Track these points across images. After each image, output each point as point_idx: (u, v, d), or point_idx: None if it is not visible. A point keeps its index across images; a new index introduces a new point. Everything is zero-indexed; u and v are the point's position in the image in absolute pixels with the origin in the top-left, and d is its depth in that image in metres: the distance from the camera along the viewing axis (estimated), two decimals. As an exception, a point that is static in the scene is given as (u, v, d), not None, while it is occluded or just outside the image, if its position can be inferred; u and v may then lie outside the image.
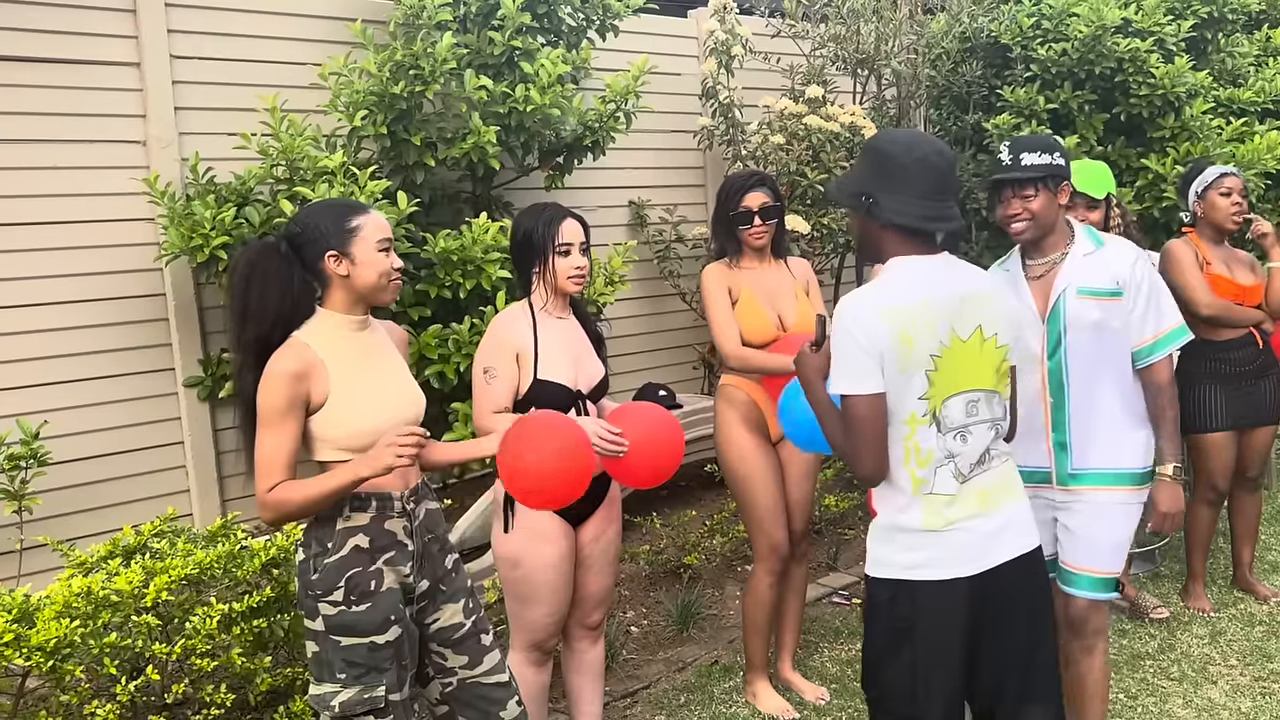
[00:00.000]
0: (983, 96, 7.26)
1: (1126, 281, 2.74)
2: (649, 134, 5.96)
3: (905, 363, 2.08)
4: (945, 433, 2.13)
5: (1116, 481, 2.77)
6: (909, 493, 2.14)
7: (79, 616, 2.75)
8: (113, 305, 4.37)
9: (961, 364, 2.13)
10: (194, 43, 4.57)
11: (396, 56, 4.34)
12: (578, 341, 2.84)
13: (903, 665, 2.15)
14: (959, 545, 2.14)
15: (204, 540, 3.25)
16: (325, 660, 2.25)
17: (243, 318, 2.23)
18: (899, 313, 2.08)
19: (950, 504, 2.14)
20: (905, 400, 2.10)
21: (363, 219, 2.28)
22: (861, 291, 2.14)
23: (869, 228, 2.19)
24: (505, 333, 2.73)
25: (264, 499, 2.18)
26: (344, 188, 3.99)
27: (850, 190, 2.20)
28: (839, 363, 2.10)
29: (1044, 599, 2.28)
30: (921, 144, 2.15)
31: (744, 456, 3.30)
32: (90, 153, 4.32)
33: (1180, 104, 6.68)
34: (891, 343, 2.06)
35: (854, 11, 6.20)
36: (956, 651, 2.15)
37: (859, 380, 2.07)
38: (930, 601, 2.13)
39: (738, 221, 3.27)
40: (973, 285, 2.19)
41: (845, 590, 4.43)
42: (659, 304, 6.17)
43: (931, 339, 2.09)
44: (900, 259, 2.16)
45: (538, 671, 2.88)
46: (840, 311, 2.11)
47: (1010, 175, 2.77)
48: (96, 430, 4.33)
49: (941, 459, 2.13)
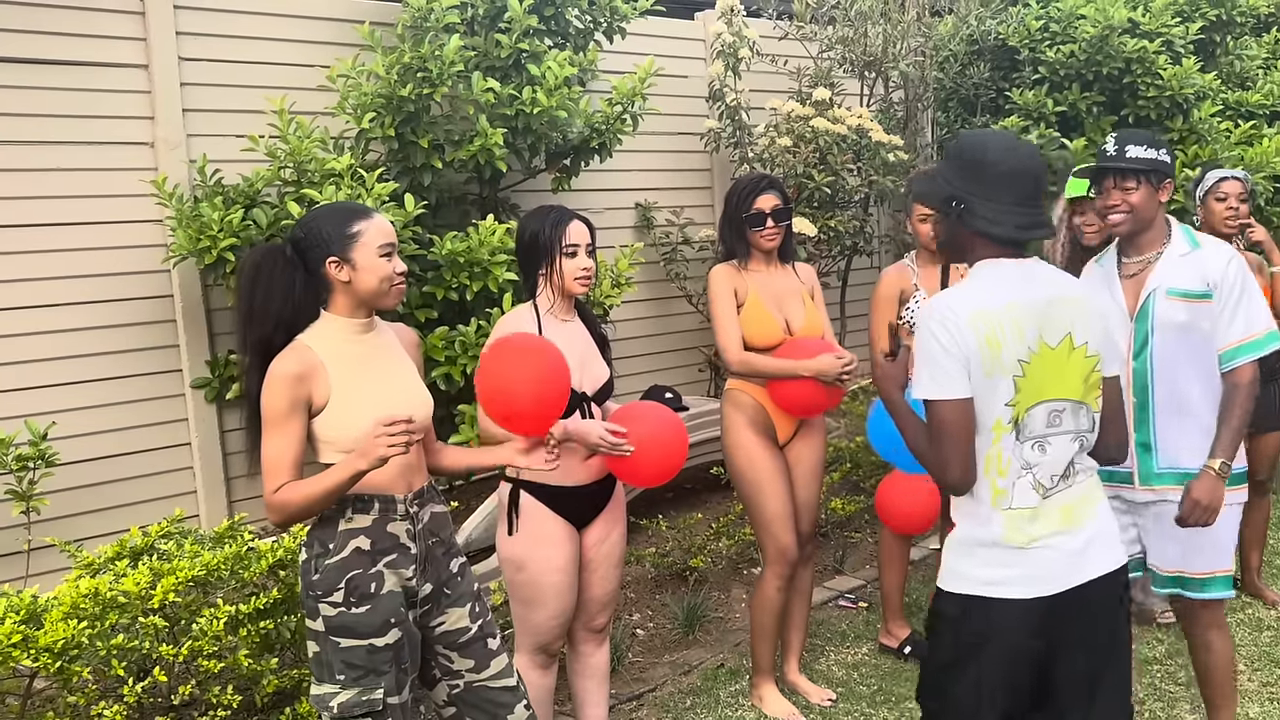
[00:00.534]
0: (990, 99, 7.25)
1: (1218, 283, 2.71)
2: (656, 136, 5.96)
3: (992, 367, 2.02)
4: (1024, 441, 2.07)
5: None
6: (989, 504, 2.08)
7: (86, 618, 2.75)
8: (120, 307, 4.38)
9: (1049, 372, 2.06)
10: (202, 45, 4.59)
11: (404, 59, 4.35)
12: (583, 344, 2.84)
13: (969, 681, 2.08)
14: (1042, 563, 2.06)
15: (211, 542, 3.25)
16: (325, 661, 2.26)
17: (247, 319, 2.26)
18: (986, 316, 2.02)
19: (1033, 519, 2.07)
20: (991, 407, 2.04)
21: (364, 224, 2.28)
22: (948, 294, 2.09)
23: (958, 231, 2.14)
24: (510, 333, 2.73)
25: (269, 500, 2.19)
26: (351, 190, 4.00)
27: (941, 193, 2.14)
28: (923, 367, 2.05)
29: (1124, 616, 2.20)
30: (1017, 149, 2.10)
31: (752, 461, 3.30)
32: (98, 154, 4.33)
33: (1189, 106, 6.66)
34: (978, 346, 2.00)
35: (861, 14, 6.20)
36: (1027, 671, 2.08)
37: (945, 385, 2.02)
38: (1005, 620, 2.06)
39: (750, 223, 3.27)
40: (1061, 289, 2.12)
41: (852, 593, 4.42)
42: (665, 306, 6.17)
43: (1019, 344, 2.03)
44: (988, 261, 2.11)
45: (542, 674, 2.88)
46: (925, 314, 2.07)
47: (1114, 165, 2.74)
48: (104, 431, 4.34)
49: (1019, 470, 2.07)
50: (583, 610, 2.92)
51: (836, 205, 5.87)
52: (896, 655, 3.82)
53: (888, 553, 3.81)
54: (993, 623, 2.06)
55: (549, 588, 2.76)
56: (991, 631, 2.06)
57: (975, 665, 2.07)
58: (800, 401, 3.22)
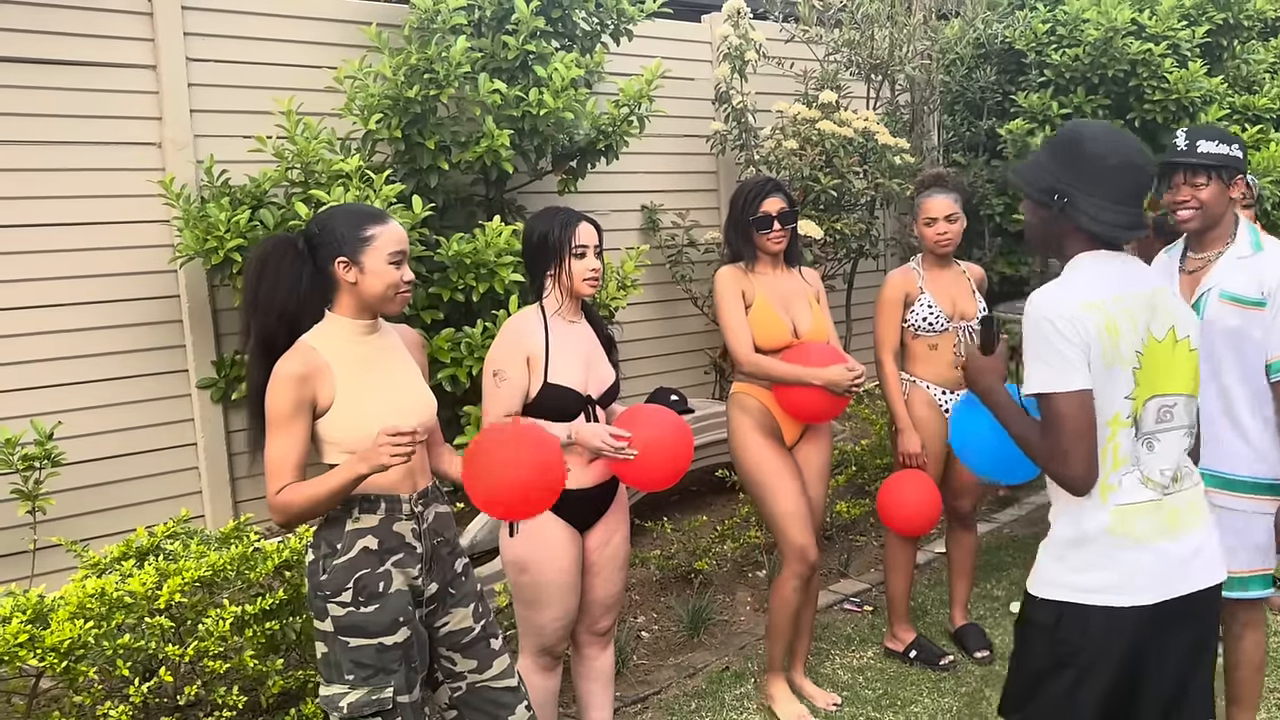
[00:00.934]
0: (996, 102, 7.24)
1: (1272, 291, 2.66)
2: (662, 138, 5.96)
3: (1112, 357, 1.95)
4: (1140, 438, 2.00)
5: (1237, 488, 2.73)
6: (1098, 500, 2.00)
7: (93, 617, 2.75)
8: (127, 307, 4.39)
9: (1160, 365, 2.01)
10: (210, 46, 4.59)
11: (411, 60, 4.35)
12: (589, 346, 2.83)
13: (1061, 691, 2.02)
14: (1144, 569, 1.99)
15: (217, 542, 3.25)
16: (334, 661, 2.26)
17: (251, 307, 2.27)
18: (1099, 306, 1.96)
19: (1140, 516, 2.00)
20: (1111, 399, 1.97)
21: (379, 229, 2.28)
22: (1054, 286, 2.01)
23: (1056, 225, 2.06)
24: (517, 335, 2.73)
25: (272, 501, 2.19)
26: (360, 191, 4.00)
27: (1041, 184, 2.06)
28: (1039, 359, 1.96)
29: (1215, 630, 2.14)
30: (1126, 144, 2.02)
31: (762, 463, 3.29)
32: (105, 155, 4.34)
33: (1195, 110, 6.64)
34: (1098, 334, 1.93)
35: (868, 17, 6.20)
36: (1122, 680, 2.01)
37: (1065, 376, 1.93)
38: (1102, 628, 1.99)
39: (758, 226, 3.26)
40: (1157, 283, 2.08)
41: (857, 597, 4.41)
42: (671, 308, 6.17)
43: (1133, 334, 1.97)
44: (1089, 254, 2.04)
45: (546, 677, 2.88)
46: (1035, 308, 1.98)
47: (1184, 160, 2.71)
48: (110, 431, 4.34)
49: (1129, 465, 2.00)
50: (586, 613, 2.91)
51: (842, 208, 5.86)
52: (902, 659, 3.82)
53: (893, 557, 3.80)
54: (1089, 631, 2.00)
55: (550, 589, 2.76)
56: (1087, 640, 2.00)
57: (1070, 674, 2.01)
58: (806, 408, 3.21)
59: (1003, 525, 5.21)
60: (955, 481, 3.77)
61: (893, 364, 3.60)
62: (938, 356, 3.62)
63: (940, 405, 3.62)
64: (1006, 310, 5.32)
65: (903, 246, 6.83)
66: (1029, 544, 4.92)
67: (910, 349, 3.65)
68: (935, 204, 3.59)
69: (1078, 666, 2.00)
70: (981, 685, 3.60)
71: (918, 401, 3.62)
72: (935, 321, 3.58)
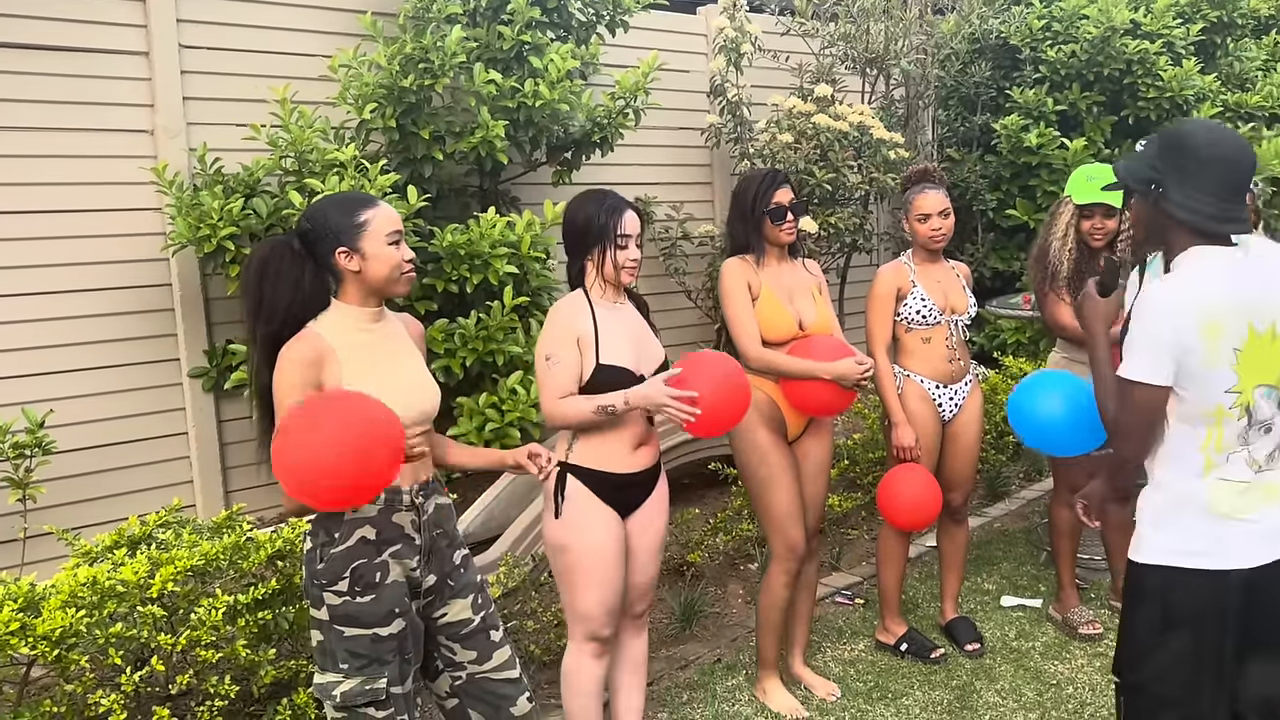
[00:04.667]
0: (991, 97, 7.26)
1: None
2: (657, 131, 5.96)
3: (1210, 359, 2.06)
4: (1255, 425, 2.13)
5: None
6: (1199, 475, 2.13)
7: (85, 606, 2.74)
8: (119, 294, 4.37)
9: (1262, 358, 2.11)
10: (203, 32, 4.57)
11: (406, 50, 4.34)
12: (637, 325, 2.82)
13: (1170, 653, 2.15)
14: (1242, 537, 2.12)
15: (209, 531, 3.24)
16: (329, 650, 2.26)
17: (255, 314, 2.25)
18: (1206, 308, 2.06)
19: (1242, 493, 2.13)
20: (1209, 394, 2.09)
21: (371, 213, 2.28)
22: (1170, 283, 2.10)
23: (1156, 216, 2.16)
24: (565, 319, 2.71)
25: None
26: (355, 181, 3.99)
27: (1141, 175, 2.16)
28: (1138, 347, 2.09)
29: None
30: (1226, 139, 2.10)
31: (764, 457, 3.28)
32: (98, 141, 4.32)
33: (1188, 107, 6.67)
34: (1198, 338, 2.05)
35: (864, 10, 6.20)
36: (1227, 643, 2.13)
37: (1152, 370, 2.07)
38: (1203, 590, 2.12)
39: (773, 217, 3.24)
40: (1266, 278, 2.14)
41: (848, 590, 4.43)
42: (665, 301, 6.16)
43: (1235, 334, 2.08)
44: (1198, 249, 2.12)
45: (596, 663, 2.82)
46: (1150, 300, 2.08)
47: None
48: (101, 420, 4.33)
49: (1239, 447, 2.13)
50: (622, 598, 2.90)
51: (837, 202, 5.87)
52: (893, 652, 3.83)
53: (885, 550, 3.81)
54: (1192, 593, 2.12)
55: (591, 571, 2.72)
56: (1190, 601, 2.12)
57: (1177, 636, 2.13)
58: (815, 402, 3.21)
59: (994, 519, 5.23)
60: (948, 475, 3.77)
61: (886, 358, 3.60)
62: (930, 350, 3.63)
63: (934, 399, 3.63)
64: (999, 305, 5.33)
65: (896, 241, 6.84)
66: (1020, 538, 4.94)
67: (903, 343, 3.65)
68: (929, 200, 3.59)
69: (1184, 627, 2.13)
70: (972, 678, 3.62)
71: (911, 395, 3.62)
72: (928, 314, 3.59)
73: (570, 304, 2.76)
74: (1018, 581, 4.43)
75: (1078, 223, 3.71)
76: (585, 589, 2.74)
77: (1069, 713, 3.36)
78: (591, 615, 2.76)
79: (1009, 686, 3.55)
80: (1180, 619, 2.13)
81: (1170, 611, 2.14)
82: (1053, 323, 3.77)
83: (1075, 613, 3.93)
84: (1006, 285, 7.15)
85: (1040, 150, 6.72)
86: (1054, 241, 3.73)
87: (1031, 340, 6.91)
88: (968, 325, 3.69)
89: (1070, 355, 3.81)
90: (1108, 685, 3.51)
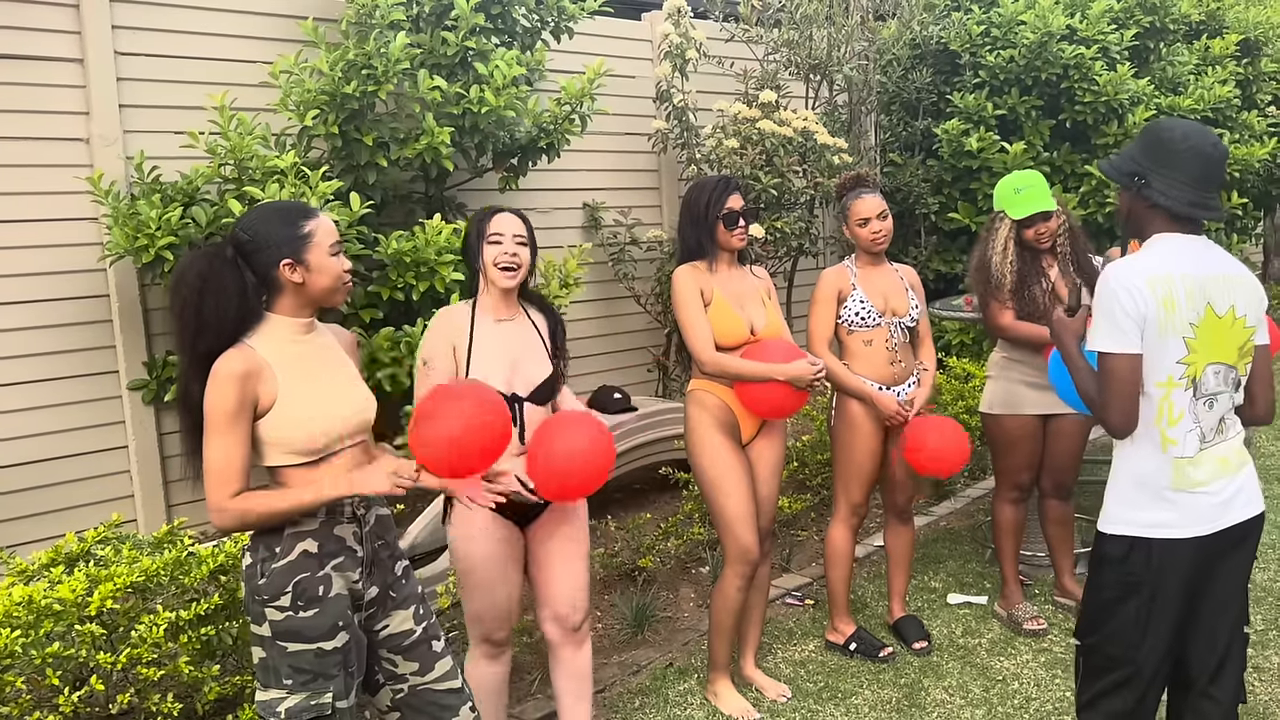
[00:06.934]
0: (932, 102, 7.36)
1: None
2: (604, 136, 5.96)
3: (1165, 328, 2.23)
4: (1199, 398, 2.29)
5: None
6: (1158, 452, 2.30)
7: (20, 626, 2.68)
8: (55, 306, 4.28)
9: (1216, 337, 2.29)
10: (139, 39, 4.49)
11: (349, 55, 4.30)
12: (519, 344, 2.81)
13: (1127, 616, 2.33)
14: (1200, 507, 2.30)
15: (150, 547, 3.19)
16: (271, 666, 2.22)
17: (197, 330, 2.18)
18: (1164, 281, 2.24)
19: (1196, 466, 2.31)
20: (1163, 362, 2.26)
21: (314, 224, 2.25)
22: (1129, 260, 2.29)
23: (1137, 205, 2.35)
24: (444, 326, 2.76)
25: (224, 505, 2.13)
26: (296, 188, 3.94)
27: (1124, 169, 2.35)
28: (1102, 322, 2.26)
29: (1249, 568, 2.42)
30: (1197, 134, 2.29)
31: (716, 461, 3.30)
32: (31, 150, 4.22)
33: (1123, 111, 6.82)
34: (1155, 308, 2.22)
35: (807, 17, 6.26)
36: (1178, 606, 2.32)
37: (1120, 340, 2.24)
38: (1164, 558, 2.30)
39: (726, 223, 3.27)
40: (1228, 268, 2.34)
41: (799, 591, 4.46)
42: (613, 306, 6.17)
43: (1191, 309, 2.25)
44: (1164, 235, 2.32)
45: (491, 664, 2.90)
46: (1109, 277, 2.26)
47: None
48: (38, 434, 4.23)
49: (1191, 423, 2.29)
50: (544, 606, 2.91)
51: (782, 207, 5.92)
52: (842, 652, 3.86)
53: (833, 550, 3.85)
54: (1152, 561, 2.31)
55: (475, 575, 2.79)
56: (1150, 569, 2.31)
57: (1135, 600, 2.32)
58: (769, 404, 3.24)
59: (940, 519, 5.30)
60: (892, 478, 3.82)
61: (829, 353, 3.64)
62: (873, 353, 3.67)
63: (878, 401, 3.67)
64: (942, 307, 5.40)
65: (842, 245, 6.92)
66: (965, 536, 5.02)
67: (846, 345, 3.70)
68: (866, 204, 3.65)
69: (1144, 592, 2.31)
70: (920, 676, 3.66)
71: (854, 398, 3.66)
72: (867, 316, 3.64)
73: (453, 312, 2.80)
74: (964, 579, 4.50)
75: (1018, 234, 3.78)
76: (471, 592, 2.82)
77: (1015, 708, 3.42)
78: (481, 618, 2.85)
79: (956, 684, 3.60)
80: (1138, 584, 2.32)
81: (1130, 578, 2.33)
82: (995, 327, 3.85)
83: (1020, 609, 3.99)
84: (950, 287, 7.25)
85: (981, 154, 6.83)
86: (994, 256, 3.81)
87: (975, 341, 7.02)
88: (909, 328, 3.74)
89: (1010, 354, 3.89)
90: (1052, 680, 3.58)
